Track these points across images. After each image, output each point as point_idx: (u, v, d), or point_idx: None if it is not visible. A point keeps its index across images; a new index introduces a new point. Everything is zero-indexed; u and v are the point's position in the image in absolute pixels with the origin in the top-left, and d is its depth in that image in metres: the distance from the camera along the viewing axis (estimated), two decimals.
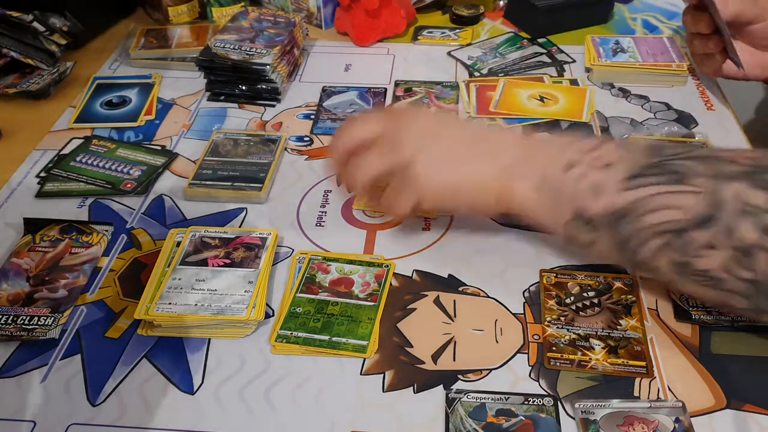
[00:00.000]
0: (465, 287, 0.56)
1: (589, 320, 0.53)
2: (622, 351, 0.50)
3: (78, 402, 0.48)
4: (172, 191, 0.67)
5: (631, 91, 0.81)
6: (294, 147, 0.73)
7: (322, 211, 0.65)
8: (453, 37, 0.93)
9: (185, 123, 0.78)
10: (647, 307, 0.54)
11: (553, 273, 0.57)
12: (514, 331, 0.53)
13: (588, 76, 0.84)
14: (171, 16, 0.95)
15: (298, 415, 0.47)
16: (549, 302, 0.54)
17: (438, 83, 0.83)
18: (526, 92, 0.80)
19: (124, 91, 0.83)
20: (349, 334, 0.52)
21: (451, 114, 0.58)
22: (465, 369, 0.50)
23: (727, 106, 0.78)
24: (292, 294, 0.55)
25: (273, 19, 0.85)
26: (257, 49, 0.79)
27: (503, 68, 0.86)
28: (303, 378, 0.50)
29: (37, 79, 0.82)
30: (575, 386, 0.48)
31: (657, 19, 0.97)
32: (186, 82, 0.85)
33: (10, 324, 0.53)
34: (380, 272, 0.57)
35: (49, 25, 0.82)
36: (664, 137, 0.71)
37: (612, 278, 0.56)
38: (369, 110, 0.59)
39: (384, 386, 0.49)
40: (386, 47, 0.92)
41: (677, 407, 0.46)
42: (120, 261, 0.60)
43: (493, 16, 0.99)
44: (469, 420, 0.46)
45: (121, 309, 0.55)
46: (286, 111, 0.80)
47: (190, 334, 0.53)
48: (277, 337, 0.52)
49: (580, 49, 0.88)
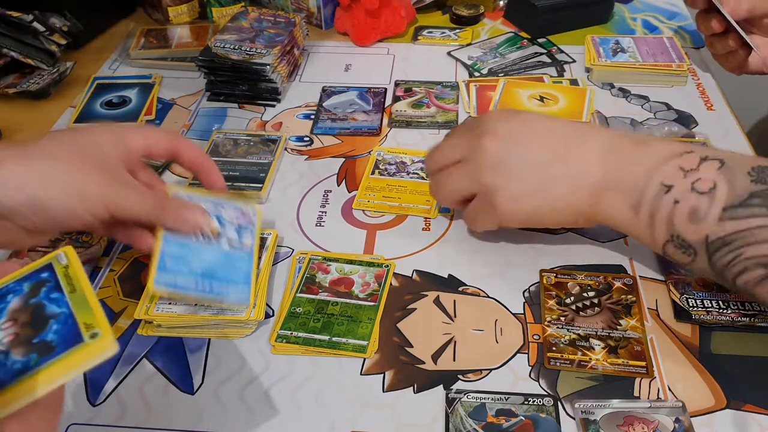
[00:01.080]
0: (465, 287, 0.56)
1: (589, 320, 0.53)
2: (622, 351, 0.50)
3: (78, 402, 0.48)
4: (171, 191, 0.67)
5: (631, 91, 0.81)
6: (294, 147, 0.73)
7: (322, 211, 0.65)
8: (453, 37, 0.93)
9: (185, 123, 0.78)
10: (647, 307, 0.54)
11: (553, 273, 0.57)
12: (514, 331, 0.53)
13: (588, 76, 0.84)
14: (171, 16, 0.95)
15: (298, 415, 0.47)
16: (549, 302, 0.54)
17: (438, 83, 0.83)
18: (526, 92, 0.80)
19: (124, 91, 0.83)
20: (349, 334, 0.52)
21: (531, 118, 0.55)
22: (465, 369, 0.50)
23: (727, 106, 0.78)
24: (292, 294, 0.55)
25: (273, 19, 0.85)
26: (257, 49, 0.79)
27: (503, 68, 0.86)
28: (303, 378, 0.50)
29: (37, 79, 0.82)
30: (575, 386, 0.48)
31: (657, 19, 0.97)
32: (186, 82, 0.85)
33: None
34: (380, 272, 0.57)
35: (49, 25, 0.82)
36: (664, 137, 0.71)
37: (612, 278, 0.56)
38: (459, 126, 0.58)
39: (384, 386, 0.49)
40: (386, 47, 0.92)
41: (677, 407, 0.46)
42: (120, 261, 0.60)
43: (493, 16, 0.99)
44: (469, 420, 0.46)
45: (121, 309, 0.55)
46: (286, 111, 0.80)
47: (190, 334, 0.53)
48: (277, 337, 0.52)
49: (580, 49, 0.88)
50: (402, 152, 0.71)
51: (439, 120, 0.77)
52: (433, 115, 0.78)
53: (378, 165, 0.70)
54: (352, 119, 0.77)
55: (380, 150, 0.72)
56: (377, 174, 0.68)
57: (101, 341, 0.32)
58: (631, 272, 0.57)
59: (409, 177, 0.68)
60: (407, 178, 0.68)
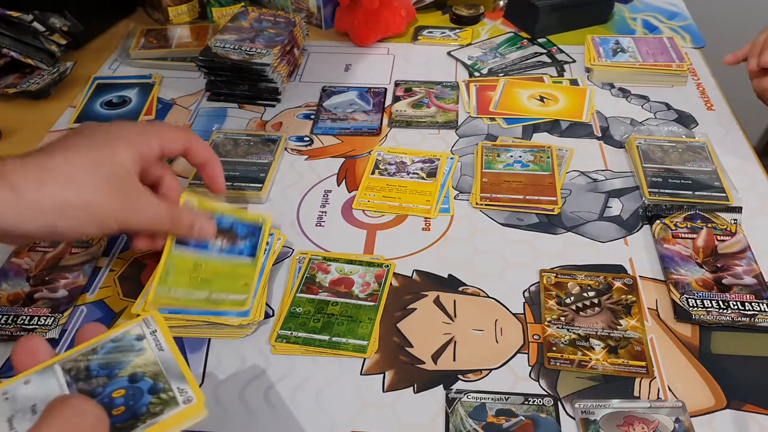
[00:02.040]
0: (465, 287, 0.56)
1: (589, 320, 0.53)
2: (622, 351, 0.50)
3: None
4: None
5: (631, 91, 0.81)
6: (294, 147, 0.73)
7: (322, 211, 0.65)
8: (453, 37, 0.93)
9: (185, 123, 0.78)
10: (647, 307, 0.54)
11: (553, 273, 0.57)
12: (515, 331, 0.53)
13: (588, 76, 0.84)
14: (171, 16, 0.95)
15: (298, 415, 0.47)
16: (549, 302, 0.54)
17: (438, 83, 0.83)
18: (526, 92, 0.80)
19: (124, 91, 0.83)
20: (349, 334, 0.52)
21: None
22: (465, 369, 0.50)
23: (727, 106, 0.78)
24: (292, 294, 0.55)
25: (273, 19, 0.85)
26: (257, 49, 0.79)
27: (503, 68, 0.86)
28: (303, 378, 0.50)
29: (37, 79, 0.82)
30: (575, 386, 0.48)
31: (657, 19, 0.97)
32: (186, 82, 0.85)
33: (10, 324, 0.53)
34: (380, 272, 0.57)
35: (49, 25, 0.82)
36: (664, 137, 0.71)
37: (612, 278, 0.56)
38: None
39: (384, 386, 0.49)
40: (386, 47, 0.92)
41: (677, 407, 0.46)
42: (120, 261, 0.60)
43: (493, 16, 0.99)
44: (470, 420, 0.46)
45: (121, 309, 0.55)
46: (286, 111, 0.80)
47: (190, 334, 0.53)
48: (277, 337, 0.52)
49: (580, 49, 0.88)
50: (402, 152, 0.71)
51: (439, 120, 0.77)
52: (433, 115, 0.78)
53: (378, 165, 0.70)
54: (352, 119, 0.77)
55: (380, 150, 0.72)
56: (377, 174, 0.68)
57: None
58: (631, 272, 0.57)
59: (409, 177, 0.68)
60: (407, 178, 0.68)
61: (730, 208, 0.62)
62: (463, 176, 0.68)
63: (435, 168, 0.69)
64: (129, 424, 0.32)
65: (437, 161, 0.70)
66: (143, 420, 0.32)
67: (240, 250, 0.55)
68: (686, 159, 0.68)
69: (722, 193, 0.63)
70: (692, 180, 0.65)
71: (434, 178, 0.68)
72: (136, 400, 0.33)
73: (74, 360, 0.35)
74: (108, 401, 0.33)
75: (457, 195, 0.66)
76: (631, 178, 0.68)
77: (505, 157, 0.69)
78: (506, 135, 0.74)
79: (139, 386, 0.34)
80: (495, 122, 0.76)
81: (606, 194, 0.66)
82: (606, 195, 0.66)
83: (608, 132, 0.74)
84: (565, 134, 0.74)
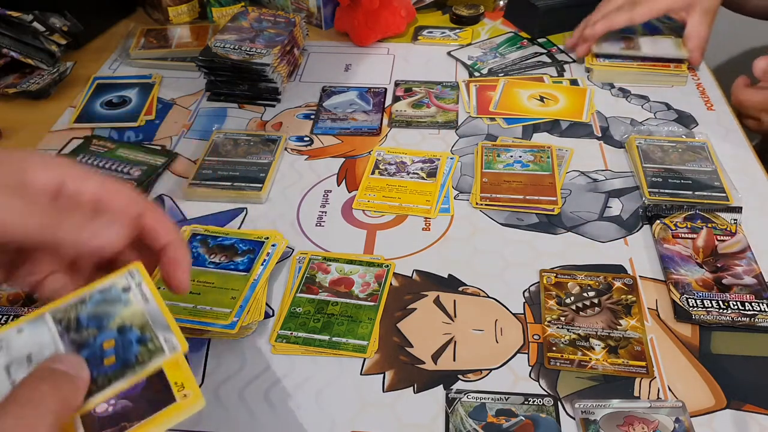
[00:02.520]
0: (465, 287, 0.56)
1: (589, 320, 0.53)
2: (622, 351, 0.50)
3: None
4: (172, 191, 0.67)
5: (631, 91, 0.81)
6: (294, 147, 0.73)
7: (322, 211, 0.65)
8: (453, 37, 0.93)
9: (185, 123, 0.78)
10: (647, 307, 0.54)
11: (553, 273, 0.57)
12: (514, 331, 0.53)
13: (588, 76, 0.84)
14: (171, 16, 0.95)
15: (298, 415, 0.47)
16: (549, 302, 0.54)
17: (438, 83, 0.83)
18: (526, 92, 0.80)
19: (124, 91, 0.83)
20: (349, 334, 0.52)
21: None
22: (465, 369, 0.50)
23: (727, 106, 0.78)
24: (292, 294, 0.55)
25: (273, 19, 0.85)
26: (257, 49, 0.79)
27: (503, 68, 0.86)
28: (303, 378, 0.50)
29: (37, 79, 0.82)
30: (575, 386, 0.48)
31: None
32: (186, 82, 0.85)
33: None
34: (380, 272, 0.57)
35: (49, 25, 0.82)
36: (664, 137, 0.71)
37: (612, 278, 0.56)
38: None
39: (384, 386, 0.49)
40: (386, 47, 0.92)
41: (677, 407, 0.46)
42: None
43: (493, 16, 0.99)
44: (470, 420, 0.46)
45: None
46: (286, 111, 0.80)
47: (189, 334, 0.53)
48: (277, 337, 0.52)
49: None
50: (402, 152, 0.71)
51: (439, 120, 0.77)
52: (433, 115, 0.78)
53: (378, 165, 0.70)
54: (352, 119, 0.77)
55: (380, 150, 0.72)
56: (377, 174, 0.68)
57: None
58: (631, 272, 0.57)
59: (409, 177, 0.68)
60: (407, 178, 0.68)
61: (730, 208, 0.62)
62: (463, 176, 0.68)
63: (435, 168, 0.69)
64: (120, 372, 0.34)
65: (437, 161, 0.70)
66: (132, 368, 0.34)
67: (236, 264, 0.56)
68: (686, 159, 0.68)
69: (722, 193, 0.64)
70: (692, 180, 0.65)
71: (434, 178, 0.68)
72: (125, 350, 0.35)
73: (64, 310, 0.36)
74: (99, 352, 0.34)
75: (457, 195, 0.66)
76: (631, 178, 0.68)
77: (505, 157, 0.69)
78: (506, 135, 0.74)
79: (128, 337, 0.35)
80: (495, 122, 0.76)
81: (606, 194, 0.66)
82: (606, 195, 0.66)
83: (608, 132, 0.74)
84: (565, 134, 0.74)
